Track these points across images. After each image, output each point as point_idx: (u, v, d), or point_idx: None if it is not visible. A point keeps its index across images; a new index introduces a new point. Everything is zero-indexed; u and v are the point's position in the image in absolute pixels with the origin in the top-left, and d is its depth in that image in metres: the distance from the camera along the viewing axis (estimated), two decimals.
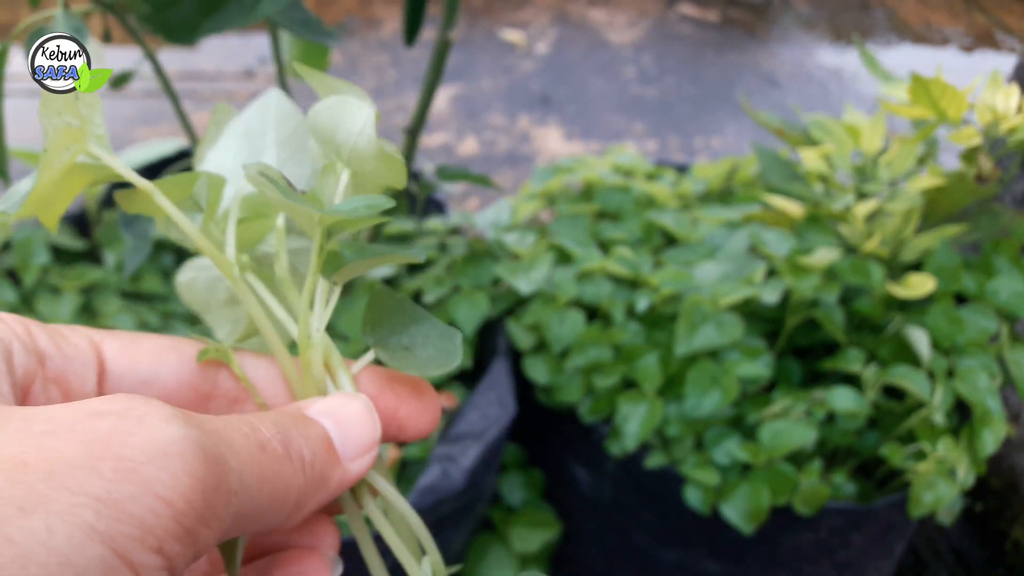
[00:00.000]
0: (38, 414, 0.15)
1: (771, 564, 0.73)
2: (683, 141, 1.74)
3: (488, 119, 1.80)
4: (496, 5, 2.32)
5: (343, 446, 0.21)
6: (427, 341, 0.23)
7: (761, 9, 2.37)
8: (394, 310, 0.24)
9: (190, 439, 0.15)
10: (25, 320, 0.20)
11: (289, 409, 0.21)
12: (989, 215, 0.71)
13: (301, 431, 0.20)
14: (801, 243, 0.72)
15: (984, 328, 0.67)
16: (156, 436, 0.15)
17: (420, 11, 0.59)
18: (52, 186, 0.21)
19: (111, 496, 0.13)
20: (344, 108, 0.23)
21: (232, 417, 0.18)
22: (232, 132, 0.27)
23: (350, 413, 0.21)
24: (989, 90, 0.66)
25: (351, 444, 0.21)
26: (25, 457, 0.13)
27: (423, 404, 0.23)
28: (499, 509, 0.82)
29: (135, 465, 0.14)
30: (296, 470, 0.19)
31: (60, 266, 0.85)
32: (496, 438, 0.69)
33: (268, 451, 0.18)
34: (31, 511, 0.13)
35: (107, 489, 0.14)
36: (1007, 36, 2.24)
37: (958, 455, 0.64)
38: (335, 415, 0.21)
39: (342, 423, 0.21)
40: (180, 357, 0.22)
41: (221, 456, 0.16)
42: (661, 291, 0.72)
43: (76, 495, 0.13)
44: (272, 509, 0.18)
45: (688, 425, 0.68)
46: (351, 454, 0.21)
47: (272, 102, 0.27)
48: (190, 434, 0.15)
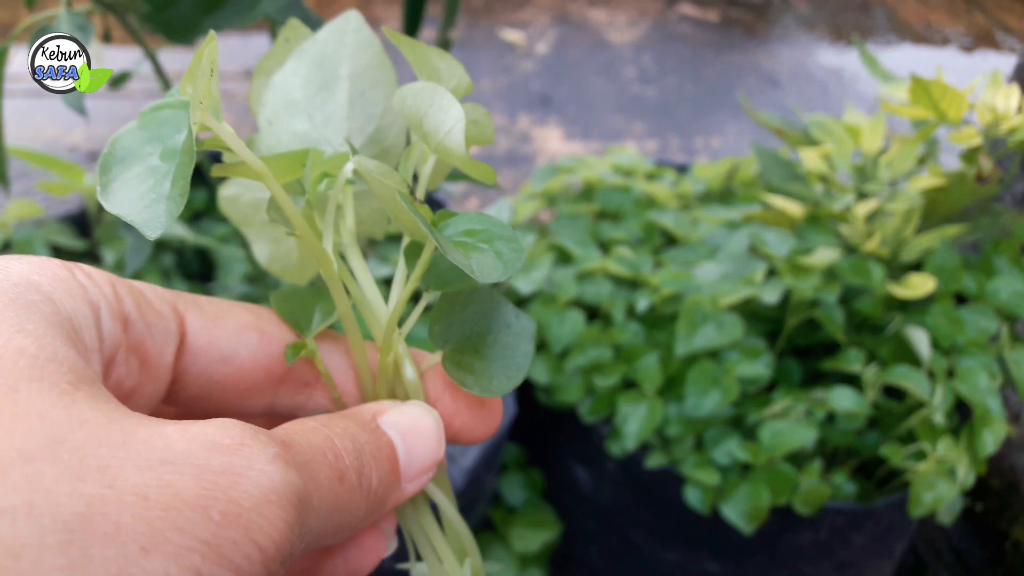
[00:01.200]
0: (156, 439, 0.15)
1: (771, 564, 0.73)
2: (683, 141, 1.74)
3: None
4: (496, 5, 2.32)
5: (406, 465, 0.20)
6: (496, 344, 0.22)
7: (761, 9, 2.37)
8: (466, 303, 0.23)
9: (290, 486, 0.16)
10: (111, 278, 0.19)
11: (364, 415, 0.20)
12: (989, 215, 0.71)
13: (373, 450, 0.19)
14: (801, 243, 0.72)
15: (984, 328, 0.67)
16: (262, 481, 0.15)
17: (420, 11, 0.59)
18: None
19: (216, 540, 0.14)
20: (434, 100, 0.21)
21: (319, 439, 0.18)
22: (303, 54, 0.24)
23: (421, 430, 0.21)
24: (989, 90, 0.66)
25: (414, 464, 0.20)
26: (147, 491, 0.14)
27: (483, 413, 0.23)
28: (499, 509, 0.82)
29: (241, 511, 0.15)
30: (363, 497, 0.19)
31: None
32: (496, 438, 0.69)
33: (345, 483, 0.18)
34: (151, 552, 0.13)
35: (214, 533, 0.14)
36: (1007, 36, 2.24)
37: (958, 455, 0.64)
38: (406, 431, 0.20)
39: (411, 440, 0.20)
40: (260, 337, 0.21)
41: (309, 499, 0.16)
42: (661, 291, 0.72)
43: (188, 538, 0.14)
44: (333, 535, 0.18)
45: (688, 425, 0.68)
46: (411, 475, 0.20)
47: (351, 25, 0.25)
48: (290, 480, 0.16)
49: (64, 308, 0.17)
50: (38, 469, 0.13)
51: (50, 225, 0.88)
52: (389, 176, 0.21)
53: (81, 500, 0.13)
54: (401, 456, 0.20)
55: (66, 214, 0.91)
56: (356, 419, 0.20)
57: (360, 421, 0.20)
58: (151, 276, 0.85)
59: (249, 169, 0.20)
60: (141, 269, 0.86)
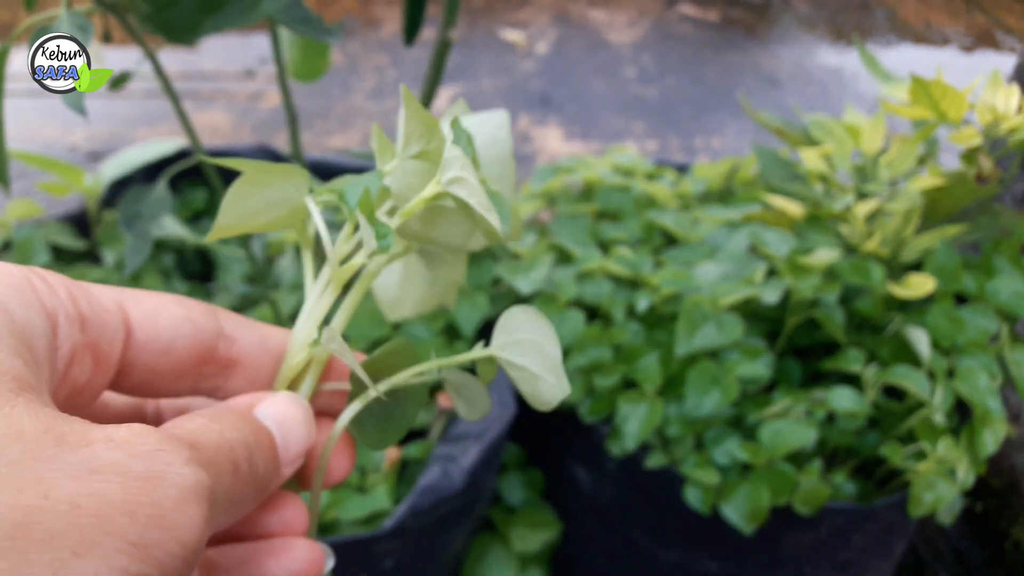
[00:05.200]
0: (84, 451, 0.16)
1: (771, 564, 0.73)
2: (683, 141, 1.74)
3: None
4: (496, 5, 2.32)
5: (283, 451, 0.22)
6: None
7: (761, 9, 2.37)
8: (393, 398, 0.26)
9: (202, 484, 0.17)
10: (66, 281, 0.20)
11: (242, 407, 0.22)
12: (989, 215, 0.71)
13: (257, 441, 0.21)
14: (801, 243, 0.72)
15: (984, 328, 0.67)
16: (180, 483, 0.17)
17: (420, 11, 0.59)
18: None
19: (143, 541, 0.16)
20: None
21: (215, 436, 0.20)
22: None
23: (293, 418, 0.23)
24: (989, 90, 0.66)
25: (290, 450, 0.22)
26: (79, 499, 0.15)
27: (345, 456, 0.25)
28: (499, 509, 0.82)
29: (164, 512, 0.16)
30: (253, 485, 0.20)
31: (60, 266, 0.85)
32: (496, 438, 0.69)
33: (239, 474, 0.20)
34: (83, 555, 0.15)
35: (140, 535, 0.16)
36: (1007, 36, 2.24)
37: (958, 455, 0.64)
38: (280, 420, 0.22)
39: (285, 428, 0.22)
40: (194, 328, 0.23)
41: (216, 493, 0.18)
42: (661, 291, 0.72)
43: (117, 540, 0.15)
44: (227, 521, 0.20)
45: (688, 425, 0.68)
46: (287, 460, 0.22)
47: (494, 120, 0.28)
48: (201, 478, 0.17)
49: (18, 318, 0.18)
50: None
51: (50, 225, 0.88)
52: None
53: (20, 510, 0.15)
54: (279, 443, 0.22)
55: (66, 214, 0.91)
56: (236, 411, 0.22)
57: (240, 412, 0.22)
58: (151, 276, 0.85)
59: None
60: (141, 269, 0.86)
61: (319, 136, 1.72)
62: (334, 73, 1.94)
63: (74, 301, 0.20)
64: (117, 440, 0.17)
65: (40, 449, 0.16)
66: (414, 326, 0.76)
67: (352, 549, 0.61)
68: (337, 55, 2.01)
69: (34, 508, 0.15)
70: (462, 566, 0.78)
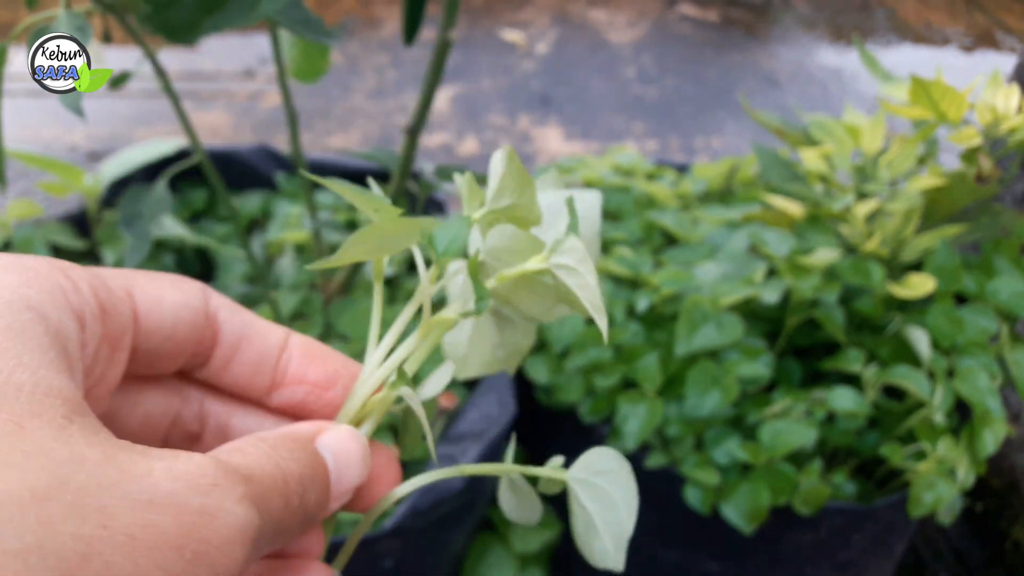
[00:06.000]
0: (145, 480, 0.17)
1: (771, 564, 0.73)
2: (683, 141, 1.74)
3: (488, 119, 1.80)
4: (496, 5, 2.32)
5: (335, 486, 0.22)
6: None
7: (761, 9, 2.37)
8: None
9: (252, 525, 0.18)
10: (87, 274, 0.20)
11: (305, 436, 0.22)
12: (989, 215, 0.71)
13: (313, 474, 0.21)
14: (801, 243, 0.72)
15: (984, 328, 0.67)
16: (230, 522, 0.17)
17: (420, 11, 0.59)
18: None
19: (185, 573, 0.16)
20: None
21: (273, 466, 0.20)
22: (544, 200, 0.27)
23: (350, 453, 0.23)
24: (989, 90, 0.66)
25: (341, 485, 0.22)
26: (134, 531, 0.16)
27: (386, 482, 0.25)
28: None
29: (209, 549, 0.17)
30: (302, 518, 0.21)
31: None
32: (496, 438, 0.69)
33: (290, 508, 0.20)
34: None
35: (185, 570, 0.16)
36: (1007, 36, 2.24)
37: (958, 455, 0.64)
38: (337, 453, 0.22)
39: (341, 461, 0.22)
40: (192, 313, 0.23)
41: (263, 531, 0.18)
42: (661, 291, 0.72)
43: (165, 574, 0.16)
44: (268, 550, 0.20)
45: (688, 425, 0.68)
46: (337, 494, 0.22)
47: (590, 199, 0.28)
48: (252, 519, 0.18)
49: (53, 323, 0.19)
50: (48, 511, 0.15)
51: (50, 225, 0.88)
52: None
53: (82, 541, 0.15)
54: (332, 477, 0.22)
55: (66, 214, 0.91)
56: (298, 440, 0.22)
57: (302, 442, 0.22)
58: None
59: None
60: (140, 268, 0.85)
61: (319, 136, 1.72)
62: (334, 73, 1.94)
63: (95, 295, 0.20)
64: (176, 472, 0.17)
65: (104, 476, 0.16)
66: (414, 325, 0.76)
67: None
68: (337, 55, 2.01)
69: (95, 539, 0.15)
70: (462, 566, 0.78)
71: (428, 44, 0.71)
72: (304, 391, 0.25)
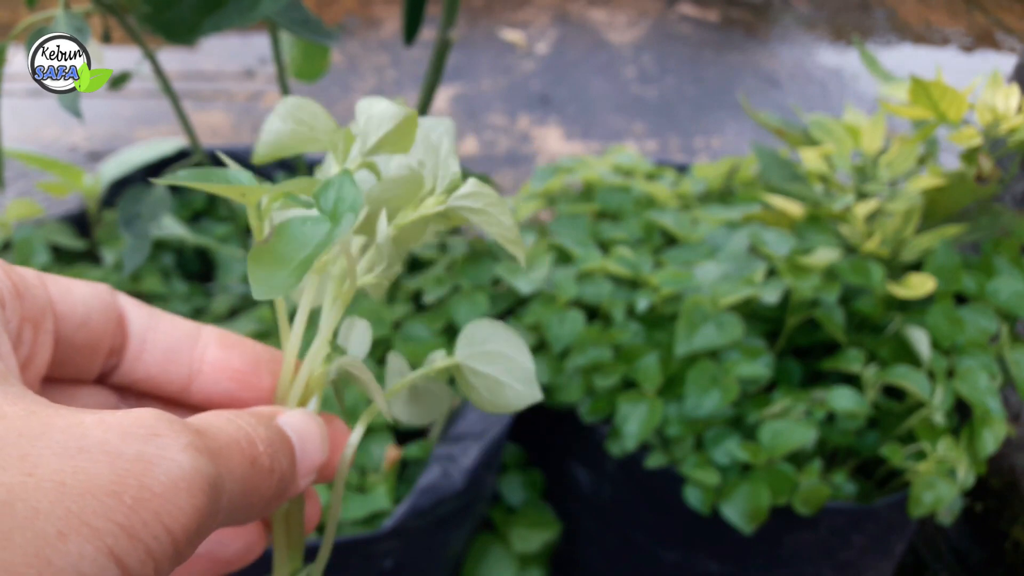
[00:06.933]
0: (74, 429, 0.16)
1: (771, 564, 0.73)
2: (683, 141, 1.74)
3: (488, 119, 1.80)
4: (496, 5, 2.32)
5: (300, 463, 0.22)
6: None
7: (761, 9, 2.37)
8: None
9: (200, 473, 0.17)
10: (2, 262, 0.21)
11: (265, 414, 0.22)
12: (989, 215, 0.71)
13: (282, 443, 0.21)
14: (801, 243, 0.72)
15: (984, 328, 0.67)
16: (172, 469, 0.16)
17: (419, 11, 0.59)
18: None
19: (129, 522, 0.15)
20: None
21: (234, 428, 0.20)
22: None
23: (312, 432, 0.23)
24: (989, 90, 0.66)
25: (305, 462, 0.23)
26: (64, 477, 0.15)
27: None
28: (499, 509, 0.82)
29: (151, 496, 0.16)
30: (274, 481, 0.20)
31: (60, 266, 0.85)
32: (496, 438, 0.69)
33: (256, 467, 0.20)
34: (68, 535, 0.14)
35: (127, 516, 0.15)
36: (1007, 36, 2.24)
37: (958, 455, 0.64)
38: (300, 432, 0.23)
39: (304, 440, 0.23)
40: (102, 304, 0.23)
41: (220, 483, 0.18)
42: (661, 291, 0.72)
43: (103, 520, 0.15)
44: (243, 516, 0.20)
45: (688, 425, 0.68)
46: (303, 471, 0.23)
47: (442, 128, 0.28)
48: (200, 467, 0.17)
49: None
50: None
51: (50, 225, 0.88)
52: None
53: (2, 488, 0.14)
54: (297, 453, 0.22)
55: (66, 214, 0.91)
56: (261, 415, 0.22)
57: (265, 417, 0.22)
58: (150, 276, 0.85)
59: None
60: (140, 269, 0.86)
61: None
62: (334, 73, 1.94)
63: (8, 276, 0.20)
64: (110, 422, 0.16)
65: (25, 427, 0.16)
66: (414, 325, 0.76)
67: (352, 549, 0.61)
68: (337, 55, 2.01)
69: (18, 485, 0.14)
70: (462, 566, 0.78)
71: (428, 44, 0.71)
72: (231, 380, 0.25)
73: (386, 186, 0.25)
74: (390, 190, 0.25)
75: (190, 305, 0.85)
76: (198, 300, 0.86)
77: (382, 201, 0.25)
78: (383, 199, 0.25)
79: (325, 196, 0.22)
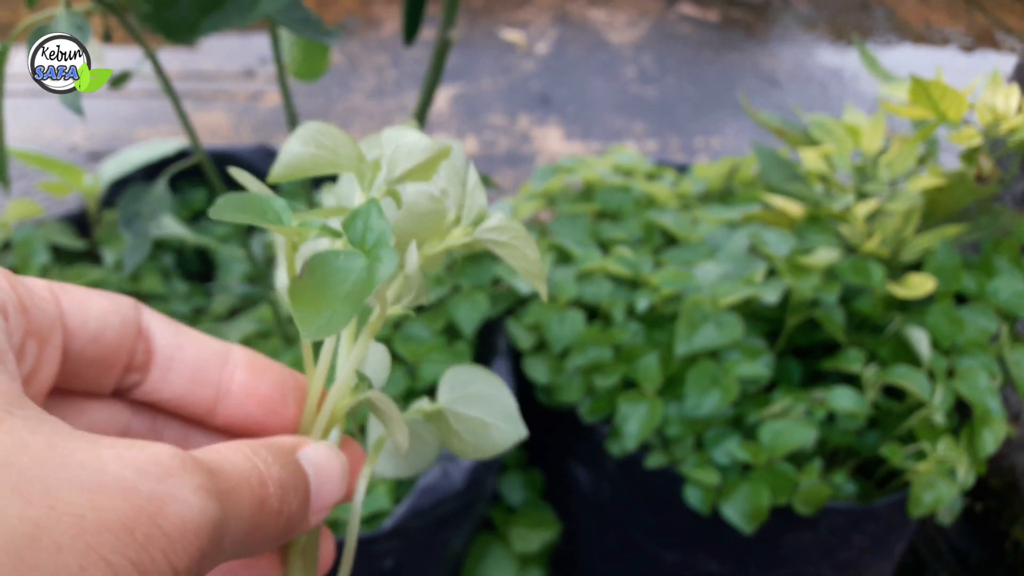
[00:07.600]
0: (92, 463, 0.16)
1: (771, 564, 0.73)
2: (683, 141, 1.74)
3: (488, 119, 1.79)
4: (496, 5, 2.32)
5: (315, 500, 0.22)
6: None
7: (761, 9, 2.37)
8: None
9: (207, 517, 0.17)
10: (6, 273, 0.20)
11: (286, 446, 0.22)
12: (989, 215, 0.71)
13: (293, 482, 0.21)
14: (801, 243, 0.72)
15: (984, 328, 0.67)
16: (182, 510, 0.17)
17: (419, 11, 0.59)
18: None
19: (139, 559, 0.16)
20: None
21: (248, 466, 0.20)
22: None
23: (331, 469, 0.23)
24: (989, 90, 0.66)
25: (321, 500, 0.22)
26: (83, 511, 0.16)
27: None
28: (499, 509, 0.82)
29: (161, 534, 0.16)
30: (280, 523, 0.20)
31: (60, 266, 0.85)
32: None
33: (264, 508, 0.20)
34: (88, 569, 0.15)
35: (138, 552, 0.16)
36: (1007, 36, 2.24)
37: (958, 455, 0.64)
38: (319, 468, 0.22)
39: (321, 477, 0.22)
40: (121, 319, 0.23)
41: (225, 525, 0.18)
42: (661, 291, 0.72)
43: (118, 557, 0.16)
44: (247, 551, 0.20)
45: (688, 425, 0.68)
46: (317, 508, 0.22)
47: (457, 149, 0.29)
48: (208, 511, 0.17)
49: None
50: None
51: (50, 225, 0.88)
52: None
53: (29, 523, 0.15)
54: (312, 491, 0.22)
55: (66, 214, 0.91)
56: (281, 448, 0.22)
57: (285, 451, 0.22)
58: (150, 276, 0.85)
59: None
60: (140, 269, 0.86)
61: None
62: (334, 73, 1.94)
63: (13, 289, 0.20)
64: (126, 458, 0.17)
65: (47, 459, 0.16)
66: (414, 326, 0.76)
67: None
68: (337, 55, 2.01)
69: (43, 519, 0.15)
70: (462, 566, 0.78)
71: (428, 44, 0.71)
72: (257, 405, 0.24)
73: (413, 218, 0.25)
74: (417, 222, 0.25)
75: (190, 305, 0.85)
76: (198, 300, 0.86)
77: (410, 233, 0.25)
78: (410, 231, 0.25)
79: (354, 226, 0.22)
